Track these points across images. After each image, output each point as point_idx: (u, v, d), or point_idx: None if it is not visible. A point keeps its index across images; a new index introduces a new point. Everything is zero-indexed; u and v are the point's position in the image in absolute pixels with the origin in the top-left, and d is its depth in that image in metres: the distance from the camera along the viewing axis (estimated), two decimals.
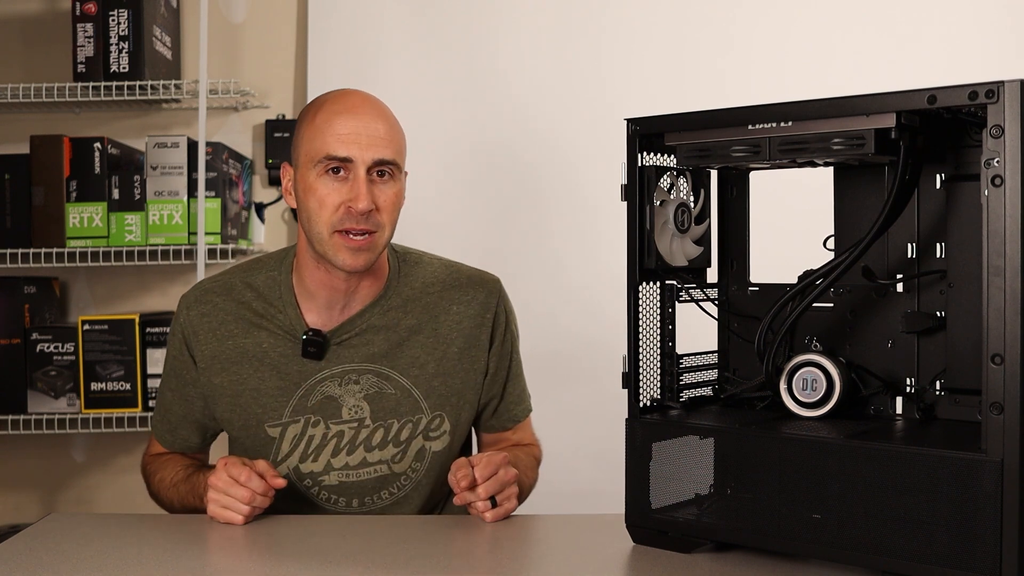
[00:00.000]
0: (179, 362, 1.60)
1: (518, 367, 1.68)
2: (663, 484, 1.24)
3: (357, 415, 1.55)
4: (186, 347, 1.58)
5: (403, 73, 2.71)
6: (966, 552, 1.00)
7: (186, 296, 1.61)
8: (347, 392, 1.55)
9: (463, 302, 1.60)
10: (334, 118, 1.48)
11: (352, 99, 1.52)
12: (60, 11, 2.78)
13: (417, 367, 1.56)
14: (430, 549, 1.28)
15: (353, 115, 1.48)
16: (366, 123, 1.48)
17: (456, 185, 2.71)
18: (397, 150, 1.51)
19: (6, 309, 2.52)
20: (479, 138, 2.72)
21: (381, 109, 1.53)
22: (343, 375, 1.55)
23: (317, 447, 1.55)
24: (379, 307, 1.57)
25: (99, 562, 1.24)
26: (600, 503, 1.48)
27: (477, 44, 2.72)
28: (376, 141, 1.47)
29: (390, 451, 1.56)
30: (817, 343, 1.29)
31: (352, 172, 1.47)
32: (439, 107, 2.71)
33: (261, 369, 1.54)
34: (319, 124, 1.48)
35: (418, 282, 1.60)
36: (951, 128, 1.17)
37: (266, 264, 1.61)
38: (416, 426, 1.56)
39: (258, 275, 1.59)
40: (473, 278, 1.63)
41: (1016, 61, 2.48)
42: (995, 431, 0.99)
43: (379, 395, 1.55)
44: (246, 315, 1.56)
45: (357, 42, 2.73)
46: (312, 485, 1.56)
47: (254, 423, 1.55)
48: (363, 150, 1.46)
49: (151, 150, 2.53)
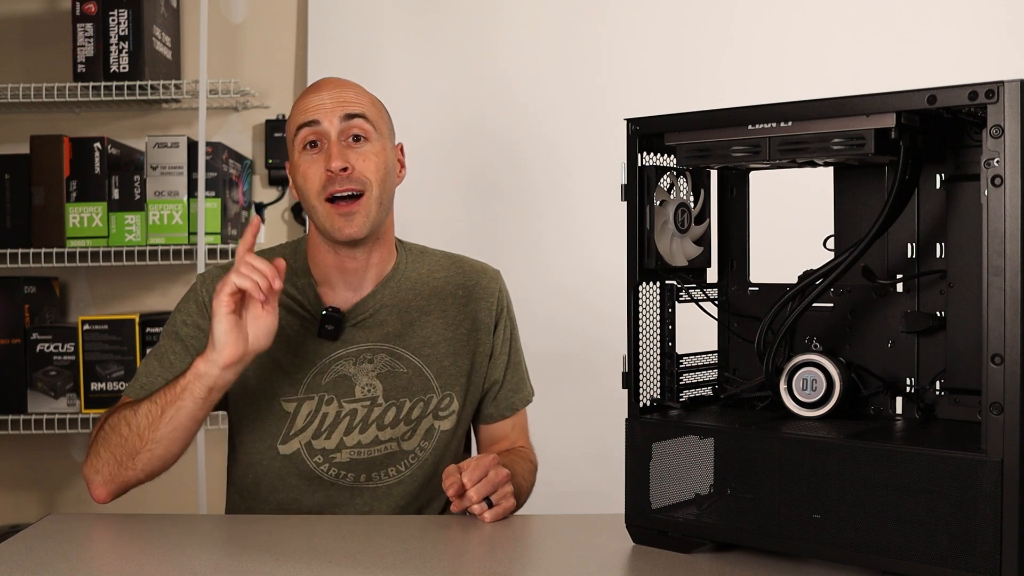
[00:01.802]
0: (190, 328, 1.57)
1: (518, 355, 1.71)
2: (663, 484, 1.24)
3: (370, 393, 1.57)
4: (206, 314, 1.56)
5: (403, 73, 2.71)
6: (966, 552, 1.00)
7: (205, 273, 1.63)
8: (360, 371, 1.57)
9: (468, 287, 1.65)
10: (304, 97, 1.57)
11: (321, 80, 1.61)
12: (60, 11, 2.78)
13: (429, 346, 1.60)
14: (430, 549, 1.28)
15: (319, 88, 1.58)
16: (331, 91, 1.56)
17: (456, 184, 2.71)
18: (368, 110, 1.56)
19: (6, 309, 2.52)
20: (479, 138, 2.72)
21: (351, 83, 1.60)
22: (357, 354, 1.57)
23: (331, 425, 1.56)
24: (390, 287, 1.60)
25: (99, 562, 1.24)
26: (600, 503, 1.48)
27: (477, 44, 2.72)
28: (341, 103, 1.54)
29: (401, 429, 1.58)
30: (817, 343, 1.29)
31: (325, 138, 1.53)
32: (439, 107, 2.71)
33: (279, 343, 1.53)
34: (293, 108, 1.58)
35: (424, 268, 1.66)
36: (951, 128, 1.17)
37: (281, 252, 1.63)
38: (427, 405, 1.59)
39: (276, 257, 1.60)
40: (476, 266, 1.70)
41: (1016, 61, 2.48)
42: (995, 431, 0.99)
43: (392, 374, 1.57)
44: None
45: (357, 42, 2.73)
46: (323, 462, 1.57)
47: (270, 395, 1.56)
48: (328, 112, 1.53)
49: (151, 150, 2.53)
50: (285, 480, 1.57)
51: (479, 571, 1.20)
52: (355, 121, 1.53)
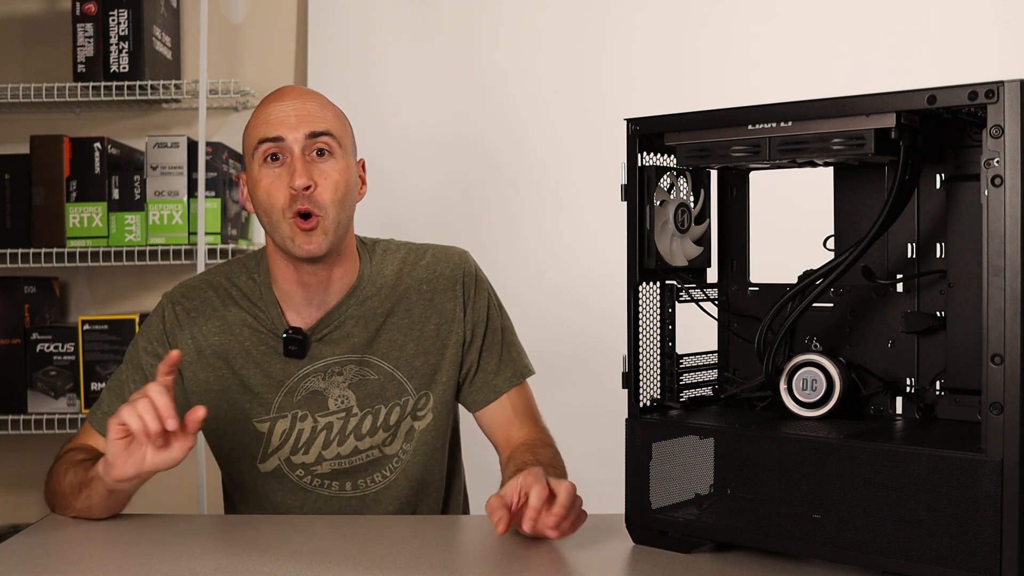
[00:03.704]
0: (151, 357, 1.56)
1: (496, 335, 1.62)
2: (663, 484, 1.24)
3: (344, 405, 1.56)
4: (167, 344, 1.56)
5: (403, 73, 2.71)
6: (966, 552, 1.00)
7: (170, 293, 1.61)
8: (331, 384, 1.55)
9: (431, 280, 1.60)
10: (265, 106, 1.53)
11: (283, 89, 1.56)
12: (60, 11, 2.78)
13: (396, 349, 1.57)
14: (430, 549, 1.28)
15: (281, 99, 1.52)
16: (294, 103, 1.51)
17: (456, 184, 2.71)
18: (333, 125, 1.51)
19: (6, 309, 2.52)
20: (479, 137, 2.71)
21: (313, 93, 1.56)
22: (325, 368, 1.55)
23: (307, 440, 1.55)
24: (355, 298, 1.57)
25: (99, 562, 1.24)
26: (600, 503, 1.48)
27: (477, 44, 2.72)
28: (306, 117, 1.49)
29: (380, 436, 1.57)
30: (817, 343, 1.29)
31: (288, 153, 1.48)
32: (439, 107, 2.71)
33: (246, 366, 1.55)
34: (253, 118, 1.53)
35: (388, 269, 1.61)
36: (951, 128, 1.17)
37: (245, 265, 1.61)
38: (405, 408, 1.57)
39: (240, 275, 1.60)
40: (438, 255, 1.63)
41: (1016, 61, 2.48)
42: (995, 431, 0.99)
43: (363, 382, 1.56)
44: (232, 312, 1.57)
45: (357, 42, 2.73)
46: (305, 475, 1.57)
47: (242, 418, 1.55)
48: (293, 127, 1.48)
49: (151, 150, 2.53)
50: (271, 496, 1.58)
51: (479, 571, 1.20)
52: (321, 138, 1.49)
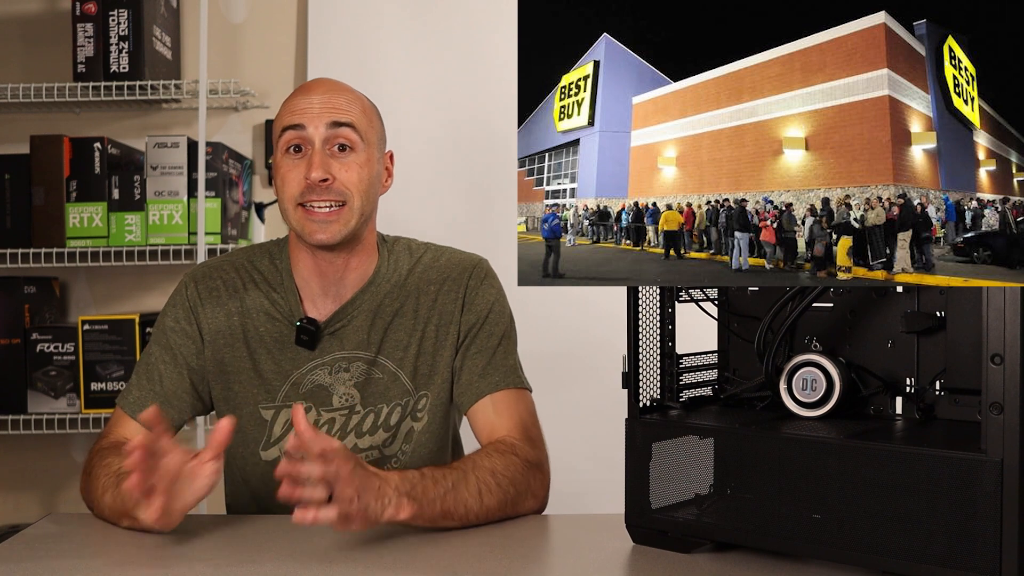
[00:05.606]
0: (179, 335, 1.57)
1: (491, 339, 1.58)
2: (663, 484, 1.24)
3: (348, 402, 1.56)
4: (193, 320, 1.57)
5: (402, 73, 2.71)
6: (966, 552, 1.00)
7: (192, 272, 1.62)
8: (337, 380, 1.56)
9: (440, 281, 1.61)
10: (294, 96, 1.54)
11: (314, 81, 1.57)
12: (60, 11, 2.78)
13: (401, 349, 1.58)
14: (430, 549, 1.28)
15: (310, 90, 1.53)
16: (321, 95, 1.52)
17: (455, 184, 2.71)
18: (357, 118, 1.52)
19: (6, 309, 2.52)
20: (479, 137, 2.72)
21: (344, 87, 1.56)
22: (333, 363, 1.56)
23: None
24: (369, 292, 1.58)
25: (99, 562, 1.24)
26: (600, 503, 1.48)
27: (476, 45, 2.72)
28: (329, 108, 1.50)
29: (380, 436, 1.57)
30: (817, 343, 1.29)
31: (309, 145, 1.50)
32: (438, 106, 2.71)
33: (259, 350, 1.56)
34: (282, 107, 1.54)
35: (405, 268, 1.62)
36: None
37: (268, 250, 1.63)
38: (404, 409, 1.57)
39: (262, 259, 1.61)
40: (453, 258, 1.64)
41: None
42: (995, 431, 0.99)
43: (369, 381, 1.56)
44: (251, 295, 1.58)
45: (357, 42, 2.73)
46: None
47: (251, 403, 1.56)
48: (315, 117, 1.49)
49: (151, 150, 2.53)
50: (270, 485, 1.57)
51: (479, 571, 1.20)
52: (342, 130, 1.49)
